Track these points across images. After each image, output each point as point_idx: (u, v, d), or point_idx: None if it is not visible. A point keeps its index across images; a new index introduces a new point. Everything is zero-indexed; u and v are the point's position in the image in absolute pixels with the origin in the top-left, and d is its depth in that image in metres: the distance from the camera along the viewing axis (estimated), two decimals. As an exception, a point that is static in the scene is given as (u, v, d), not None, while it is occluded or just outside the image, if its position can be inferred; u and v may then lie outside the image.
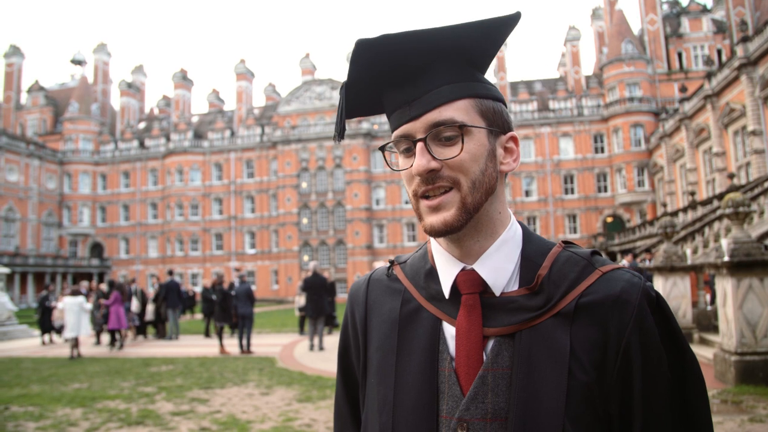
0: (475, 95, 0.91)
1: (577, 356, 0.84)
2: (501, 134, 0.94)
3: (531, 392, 0.83)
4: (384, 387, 0.94)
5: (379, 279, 1.07)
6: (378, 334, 1.00)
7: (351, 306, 1.08)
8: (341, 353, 1.11)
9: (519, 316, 0.87)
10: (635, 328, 0.84)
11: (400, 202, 53.08)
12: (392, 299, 1.01)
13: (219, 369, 11.13)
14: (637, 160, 46.56)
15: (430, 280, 0.98)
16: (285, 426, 6.48)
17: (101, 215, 61.34)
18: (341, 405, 1.12)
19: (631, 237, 34.80)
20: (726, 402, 6.61)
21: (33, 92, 65.84)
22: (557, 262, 0.91)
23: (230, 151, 58.10)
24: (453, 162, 0.87)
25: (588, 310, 0.86)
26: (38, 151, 56.77)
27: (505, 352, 0.87)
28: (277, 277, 54.81)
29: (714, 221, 17.26)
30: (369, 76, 0.93)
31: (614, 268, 0.90)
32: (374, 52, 0.88)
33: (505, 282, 0.91)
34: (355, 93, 0.96)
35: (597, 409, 0.84)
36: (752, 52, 27.47)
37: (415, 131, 0.89)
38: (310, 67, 59.16)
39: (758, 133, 27.33)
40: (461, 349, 0.89)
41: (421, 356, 0.92)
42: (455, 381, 0.88)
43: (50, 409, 7.69)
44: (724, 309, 8.16)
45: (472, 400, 0.86)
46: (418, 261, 1.03)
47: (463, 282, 0.92)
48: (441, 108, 0.88)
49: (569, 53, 54.50)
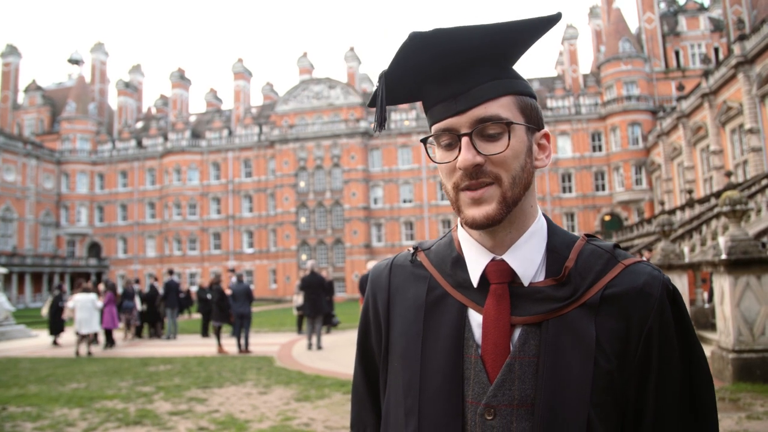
0: (516, 92, 0.93)
1: (601, 345, 0.87)
2: (536, 131, 0.97)
3: (558, 380, 0.86)
4: (409, 372, 0.96)
5: (403, 265, 1.07)
6: (402, 320, 1.01)
7: (372, 291, 1.08)
8: (361, 338, 1.12)
9: (546, 305, 0.90)
10: (656, 320, 0.88)
11: (398, 201, 53.11)
12: (417, 285, 1.02)
13: (217, 368, 11.12)
14: (634, 158, 46.63)
15: (457, 268, 0.99)
16: (283, 425, 6.47)
17: (99, 215, 61.27)
18: (360, 389, 1.13)
19: (629, 235, 34.83)
20: (723, 400, 6.62)
21: (30, 92, 65.72)
22: (582, 255, 0.94)
23: (228, 151, 58.05)
24: (497, 158, 0.89)
25: (612, 301, 0.89)
26: (35, 151, 56.67)
27: (531, 341, 0.89)
28: (275, 277, 54.80)
29: (711, 219, 17.28)
30: (413, 68, 0.94)
31: (636, 262, 0.93)
32: (426, 45, 0.89)
33: (533, 273, 0.93)
34: (395, 83, 0.97)
35: (617, 395, 0.87)
36: (749, 51, 27.51)
37: (461, 126, 0.90)
38: (308, 66, 59.13)
39: (755, 131, 27.36)
40: (488, 336, 0.91)
41: (446, 342, 0.94)
42: (482, 368, 0.90)
43: (48, 409, 7.67)
44: (721, 307, 8.17)
45: (500, 387, 0.88)
46: (444, 248, 1.04)
47: (493, 272, 0.93)
48: (487, 104, 0.90)
49: (567, 52, 54.53)
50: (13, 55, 64.19)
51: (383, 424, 1.02)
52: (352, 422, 1.15)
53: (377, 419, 1.08)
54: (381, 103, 0.97)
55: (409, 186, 53.34)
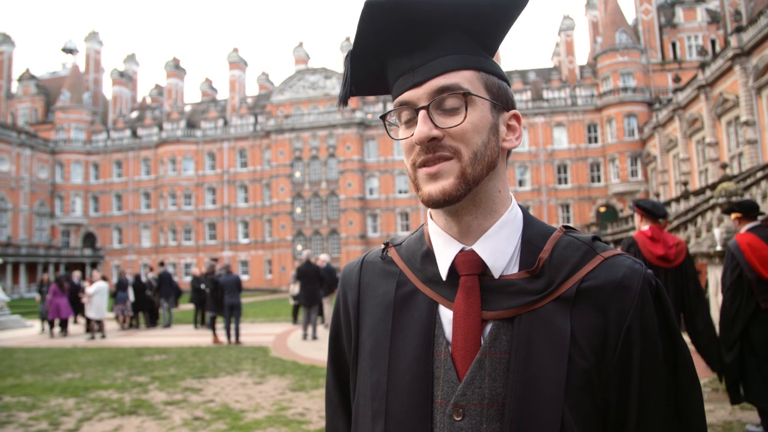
0: (481, 68, 0.89)
1: (577, 341, 0.82)
2: (504, 111, 0.93)
3: (529, 378, 0.81)
4: (377, 372, 0.91)
5: (373, 261, 1.03)
6: (371, 318, 0.96)
7: (343, 289, 1.04)
8: (332, 338, 1.07)
9: (519, 299, 0.85)
10: (636, 315, 0.83)
11: (393, 192, 53.05)
12: (387, 282, 0.98)
13: (212, 358, 11.12)
14: (630, 150, 46.65)
15: (426, 262, 0.94)
16: (278, 415, 6.48)
17: (94, 205, 61.03)
18: (331, 391, 1.08)
19: (624, 227, 34.91)
20: (717, 390, 6.64)
21: (24, 81, 65.25)
22: (558, 246, 0.89)
23: (223, 141, 57.82)
24: (455, 131, 0.85)
25: (589, 295, 0.84)
26: (30, 141, 56.32)
27: (503, 336, 0.84)
28: (270, 267, 54.76)
29: (707, 211, 17.30)
30: (375, 42, 0.90)
31: (615, 254, 0.88)
32: (382, 13, 0.85)
33: (504, 264, 0.89)
34: (358, 58, 0.94)
35: (595, 395, 0.82)
36: (746, 43, 27.48)
37: (418, 99, 0.87)
38: (304, 56, 58.85)
39: (751, 124, 27.40)
40: (458, 332, 0.86)
41: (416, 340, 0.89)
42: (451, 366, 0.85)
43: (43, 399, 7.67)
44: (716, 298, 8.20)
45: (469, 385, 0.83)
46: (414, 243, 0.99)
47: (462, 263, 0.89)
48: (446, 75, 0.86)
49: (563, 43, 54.40)
50: (7, 43, 63.59)
51: (353, 427, 0.97)
52: (327, 428, 1.10)
53: (349, 424, 1.04)
54: (345, 80, 0.95)
55: (405, 176, 53.01)
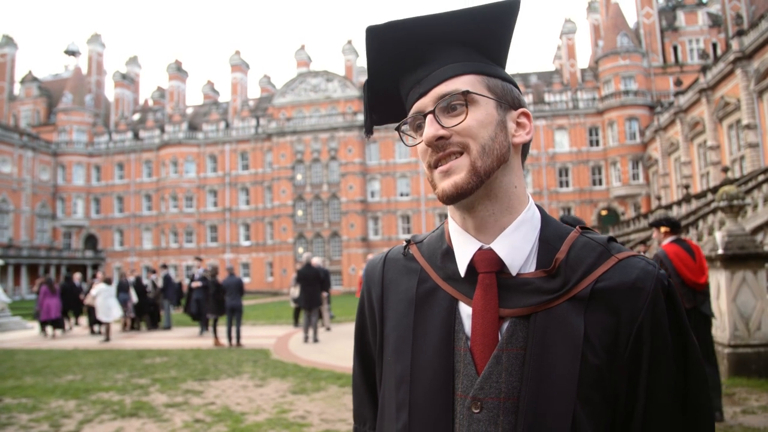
0: (481, 72, 0.94)
1: (590, 340, 0.85)
2: (511, 109, 0.96)
3: (543, 373, 0.84)
4: (401, 365, 0.96)
5: (396, 258, 1.08)
6: (395, 313, 1.01)
7: (367, 285, 1.09)
8: (358, 332, 1.12)
9: (535, 298, 0.88)
10: (648, 315, 0.86)
11: (395, 195, 53.03)
12: (409, 279, 1.02)
13: (213, 361, 11.12)
14: (631, 153, 46.62)
15: (446, 260, 0.98)
16: (279, 418, 6.48)
17: (95, 207, 61.06)
18: (358, 383, 1.13)
19: (626, 230, 34.87)
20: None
21: (26, 83, 65.33)
22: (575, 247, 0.92)
23: (225, 143, 57.84)
24: (460, 128, 0.90)
25: (603, 295, 0.87)
26: (32, 143, 56.40)
27: (519, 333, 0.88)
28: (271, 270, 54.73)
29: (708, 214, 17.30)
30: (383, 64, 0.98)
31: (630, 255, 0.91)
32: (383, 36, 0.93)
33: (522, 263, 0.92)
34: (375, 83, 1.01)
35: (606, 390, 0.85)
36: (747, 46, 27.49)
37: (425, 106, 0.93)
38: (306, 58, 58.87)
39: (752, 127, 27.39)
40: (477, 328, 0.90)
41: (437, 336, 0.93)
42: (470, 360, 0.89)
43: (44, 401, 7.66)
44: (717, 302, 8.18)
45: (486, 380, 0.87)
46: (435, 241, 1.03)
47: (481, 261, 0.93)
48: (448, 81, 0.92)
49: (565, 46, 54.41)
50: (9, 46, 63.73)
51: (379, 417, 1.03)
52: (354, 416, 1.15)
53: (376, 413, 1.08)
54: (366, 109, 1.03)
55: (407, 179, 53.25)
